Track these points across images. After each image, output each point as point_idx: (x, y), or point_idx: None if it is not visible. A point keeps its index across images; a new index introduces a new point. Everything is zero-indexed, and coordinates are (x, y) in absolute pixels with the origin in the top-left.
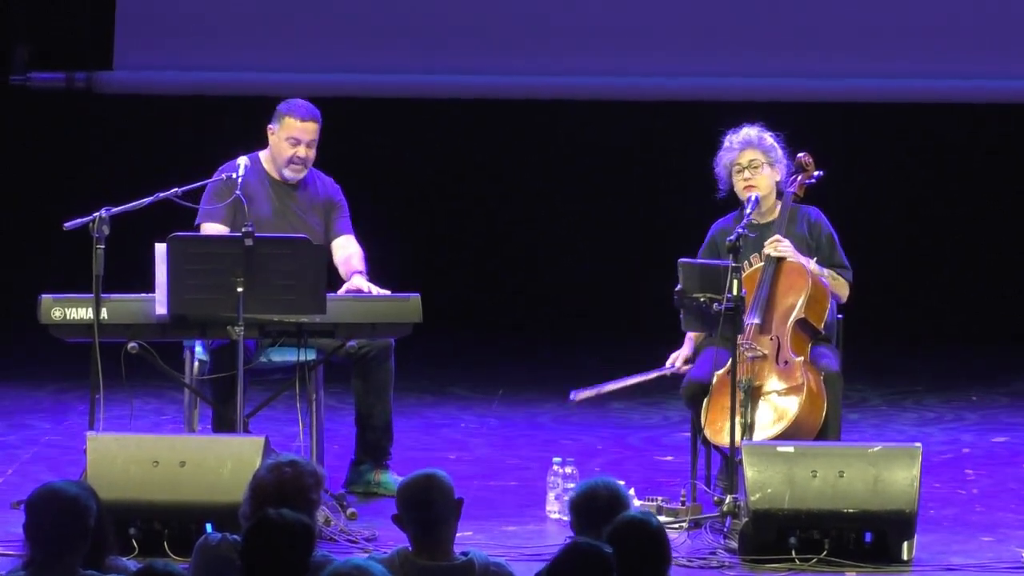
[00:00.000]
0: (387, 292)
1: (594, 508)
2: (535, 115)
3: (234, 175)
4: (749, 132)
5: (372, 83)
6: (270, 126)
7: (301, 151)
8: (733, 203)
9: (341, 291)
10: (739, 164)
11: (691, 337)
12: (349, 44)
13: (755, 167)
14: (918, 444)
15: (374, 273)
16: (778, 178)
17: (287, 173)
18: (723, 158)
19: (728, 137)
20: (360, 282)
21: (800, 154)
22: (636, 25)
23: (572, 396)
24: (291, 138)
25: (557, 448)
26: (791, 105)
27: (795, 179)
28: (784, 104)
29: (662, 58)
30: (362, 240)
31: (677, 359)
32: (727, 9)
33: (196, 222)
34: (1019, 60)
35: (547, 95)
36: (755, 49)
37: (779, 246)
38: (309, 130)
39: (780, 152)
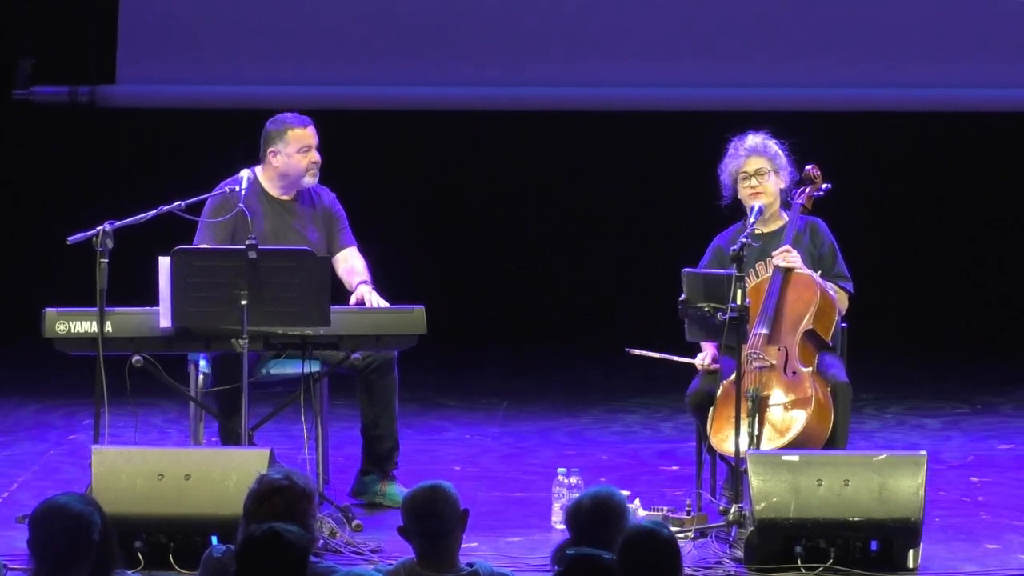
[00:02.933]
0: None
1: (578, 519)
2: (539, 126)
3: (237, 188)
4: (754, 139)
5: (374, 96)
6: (270, 149)
7: (314, 155)
8: (737, 213)
9: (351, 301)
10: (745, 172)
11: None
12: (350, 57)
13: (761, 174)
14: (923, 452)
15: (378, 285)
16: (783, 186)
17: (306, 180)
18: (728, 165)
19: (733, 144)
20: (366, 291)
21: (808, 166)
22: (640, 36)
23: (628, 350)
24: (303, 147)
25: (562, 459)
26: (797, 115)
27: (803, 191)
28: (790, 114)
29: (665, 68)
30: (366, 252)
31: (706, 358)
32: (733, 20)
33: (195, 242)
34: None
35: (551, 106)
36: (761, 59)
37: (788, 256)
38: (312, 134)
39: (784, 159)
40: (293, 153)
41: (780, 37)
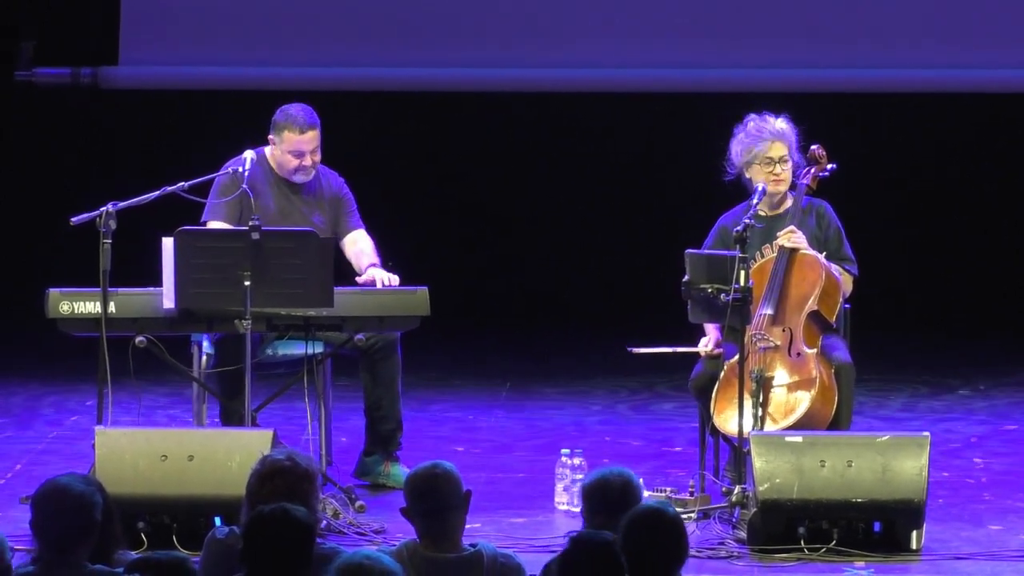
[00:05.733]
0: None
1: (608, 497)
2: (544, 108)
3: (240, 169)
4: (780, 124)
5: (379, 77)
6: (270, 136)
7: (306, 160)
8: (737, 190)
9: (360, 280)
10: (770, 156)
11: (714, 325)
12: (356, 38)
13: (784, 161)
14: (926, 433)
15: (382, 266)
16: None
17: (296, 178)
18: (751, 145)
19: (756, 124)
20: (377, 273)
21: (813, 146)
22: (645, 16)
23: (630, 348)
24: (292, 151)
25: (565, 439)
26: (802, 96)
27: (808, 171)
28: (794, 95)
29: (670, 50)
30: (371, 233)
31: (708, 344)
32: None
33: (202, 219)
34: None
35: (556, 88)
36: (766, 40)
37: (793, 237)
38: (308, 139)
39: (795, 145)
40: (284, 152)
41: (786, 17)
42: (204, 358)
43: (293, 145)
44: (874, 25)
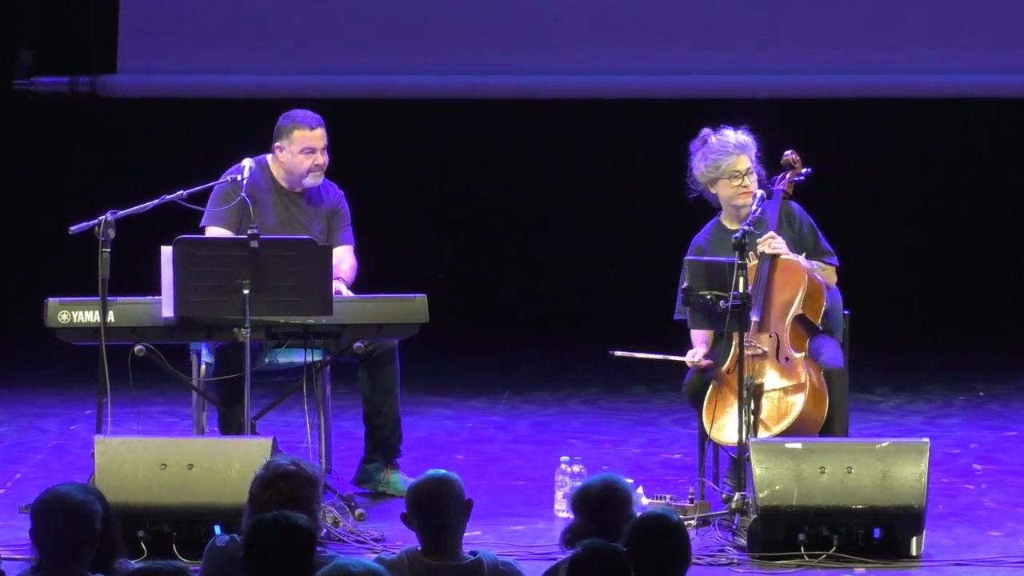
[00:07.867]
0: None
1: (587, 503)
2: (540, 114)
3: (239, 177)
4: (741, 136)
5: (378, 84)
6: (276, 144)
7: (319, 158)
8: (700, 205)
9: None
10: (737, 170)
11: (703, 336)
12: (354, 45)
13: (750, 173)
14: (926, 439)
15: (381, 273)
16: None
17: (308, 181)
18: (714, 160)
19: (716, 138)
20: (336, 284)
21: (786, 152)
22: (638, 23)
23: (611, 352)
24: (306, 149)
25: (565, 447)
26: (792, 102)
27: (783, 177)
28: (784, 101)
29: (673, 55)
30: (369, 242)
31: (696, 354)
32: (722, 6)
33: (201, 224)
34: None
35: (557, 95)
36: (751, 46)
37: (773, 243)
38: (319, 136)
39: None
40: (296, 153)
41: (777, 23)
42: (203, 366)
43: (305, 142)
44: (858, 29)
